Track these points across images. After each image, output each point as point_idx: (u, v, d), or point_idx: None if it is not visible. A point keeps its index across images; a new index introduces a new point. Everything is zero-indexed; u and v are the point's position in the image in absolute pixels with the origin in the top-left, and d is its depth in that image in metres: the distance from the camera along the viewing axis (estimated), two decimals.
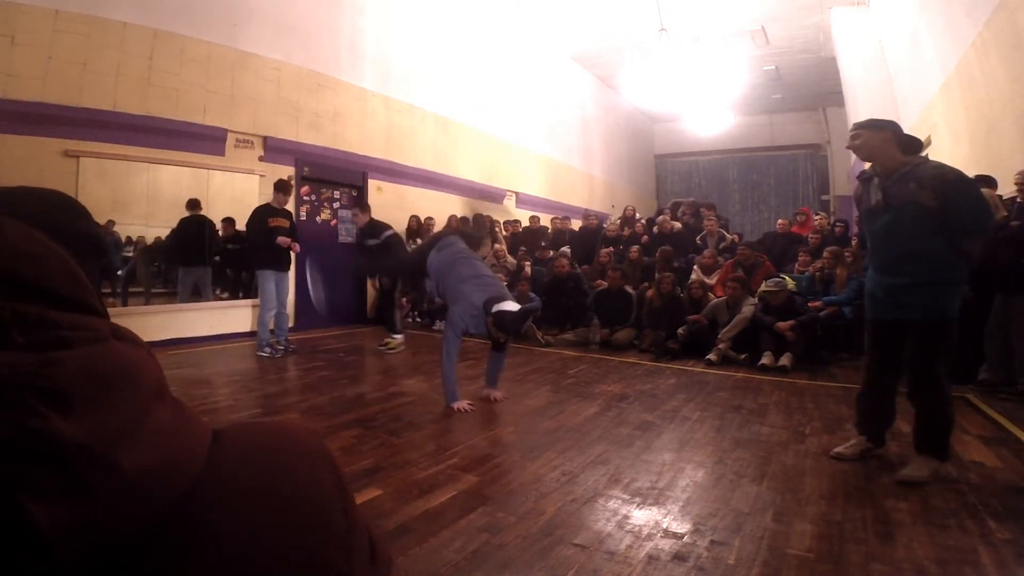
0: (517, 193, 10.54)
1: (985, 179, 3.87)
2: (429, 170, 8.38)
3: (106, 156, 4.87)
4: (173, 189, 5.46)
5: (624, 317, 5.77)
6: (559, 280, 6.23)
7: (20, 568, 0.26)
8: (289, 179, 5.85)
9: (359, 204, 5.92)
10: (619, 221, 8.38)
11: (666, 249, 6.51)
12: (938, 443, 2.25)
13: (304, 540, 0.36)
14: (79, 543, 0.28)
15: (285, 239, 4.90)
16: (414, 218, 7.58)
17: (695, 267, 6.25)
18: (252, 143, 6.03)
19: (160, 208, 5.43)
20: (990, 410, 3.33)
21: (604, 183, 13.89)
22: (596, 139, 13.58)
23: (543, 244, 8.08)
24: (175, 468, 0.35)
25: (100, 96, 4.82)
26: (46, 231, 0.36)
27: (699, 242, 7.10)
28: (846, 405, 3.34)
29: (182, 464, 0.36)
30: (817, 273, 5.60)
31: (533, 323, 5.78)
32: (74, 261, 0.36)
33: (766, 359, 4.61)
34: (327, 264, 6.67)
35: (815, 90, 12.86)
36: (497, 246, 7.63)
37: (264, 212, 4.98)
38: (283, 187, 5.10)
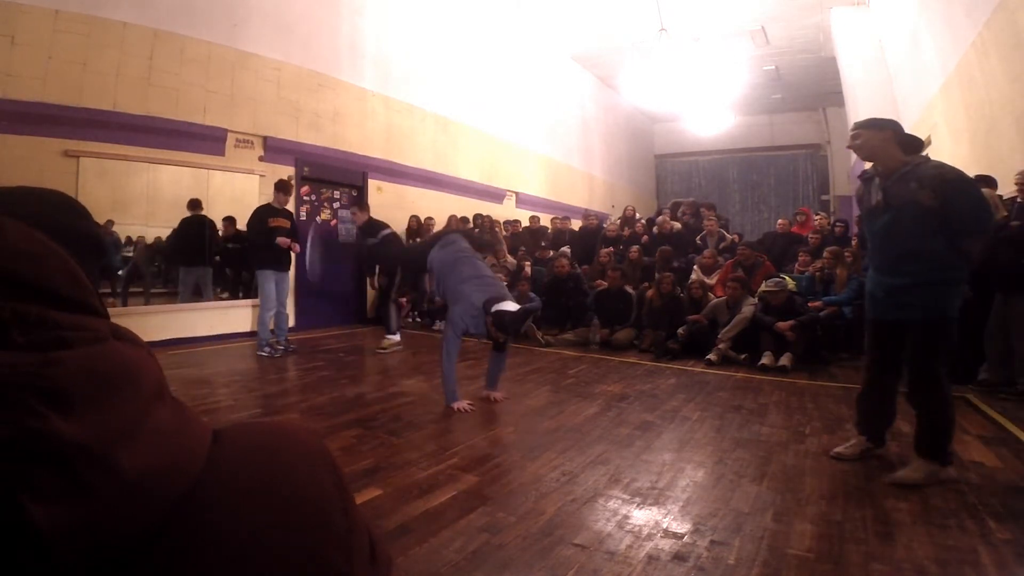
0: (517, 193, 10.54)
1: (985, 179, 3.87)
2: (429, 170, 8.38)
3: (106, 156, 4.87)
4: (173, 189, 5.46)
5: (624, 317, 5.77)
6: (559, 280, 6.23)
7: (20, 568, 0.26)
8: (289, 179, 5.86)
9: (358, 203, 5.93)
10: (619, 221, 8.38)
11: (666, 249, 6.52)
12: (939, 447, 2.22)
13: (304, 540, 0.36)
14: (79, 543, 0.28)
15: (285, 239, 4.92)
16: (414, 218, 7.59)
17: (695, 267, 6.25)
18: (252, 143, 6.03)
19: (160, 208, 5.43)
20: (990, 410, 3.33)
21: (604, 183, 13.89)
22: (596, 139, 13.58)
23: (543, 244, 8.08)
24: (175, 468, 0.35)
25: (100, 96, 4.82)
26: (46, 231, 0.36)
27: (699, 242, 7.09)
28: (846, 405, 3.34)
29: (182, 464, 0.36)
30: (817, 273, 5.60)
31: (533, 323, 5.78)
32: (74, 261, 0.36)
33: (766, 359, 4.61)
34: (327, 251, 6.67)
35: (815, 90, 12.87)
36: (498, 246, 7.63)
37: (265, 212, 5.00)
38: (284, 187, 5.12)
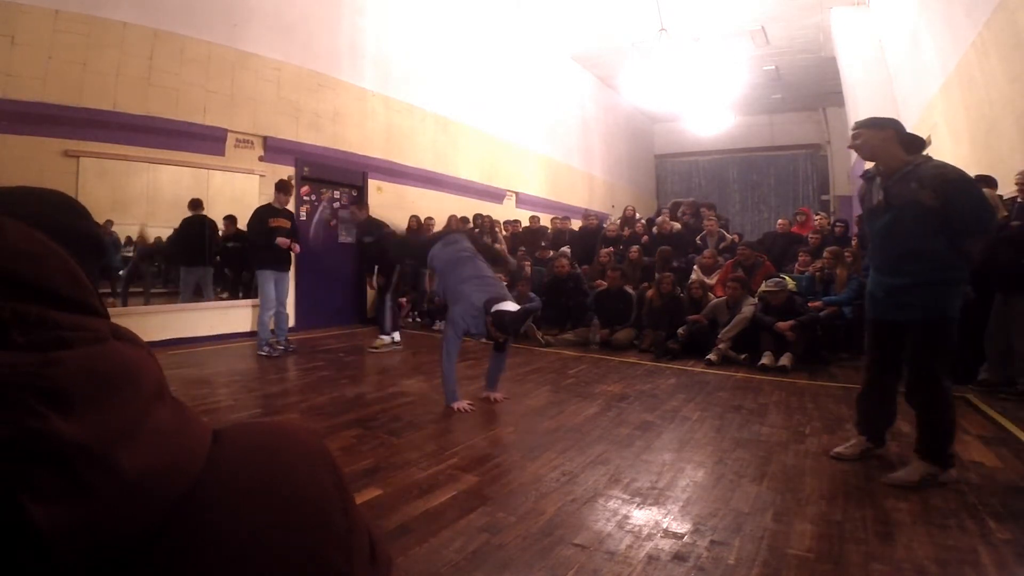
0: (517, 193, 10.54)
1: (985, 179, 3.86)
2: (429, 170, 8.38)
3: (106, 156, 4.87)
4: (173, 189, 5.46)
5: (624, 317, 5.76)
6: (559, 280, 6.23)
7: (20, 568, 0.26)
8: (289, 179, 5.86)
9: (357, 202, 5.96)
10: (619, 221, 8.37)
11: (666, 249, 6.51)
12: (940, 449, 2.20)
13: (304, 540, 0.36)
14: (79, 543, 0.28)
15: (284, 240, 4.93)
16: (414, 218, 7.59)
17: (695, 267, 6.25)
18: (252, 143, 6.03)
19: (160, 208, 5.43)
20: (990, 410, 3.33)
21: (604, 183, 13.88)
22: (596, 139, 13.57)
23: (543, 244, 8.08)
24: (175, 468, 0.35)
25: (100, 96, 4.82)
26: (46, 231, 0.36)
27: (699, 242, 7.09)
28: (846, 405, 3.34)
29: (182, 464, 0.36)
30: (817, 273, 5.60)
31: (533, 323, 5.78)
32: (74, 261, 0.36)
33: (766, 359, 4.61)
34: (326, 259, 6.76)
35: (815, 90, 12.86)
36: (498, 246, 7.62)
37: (265, 212, 5.01)
38: (284, 187, 5.13)
